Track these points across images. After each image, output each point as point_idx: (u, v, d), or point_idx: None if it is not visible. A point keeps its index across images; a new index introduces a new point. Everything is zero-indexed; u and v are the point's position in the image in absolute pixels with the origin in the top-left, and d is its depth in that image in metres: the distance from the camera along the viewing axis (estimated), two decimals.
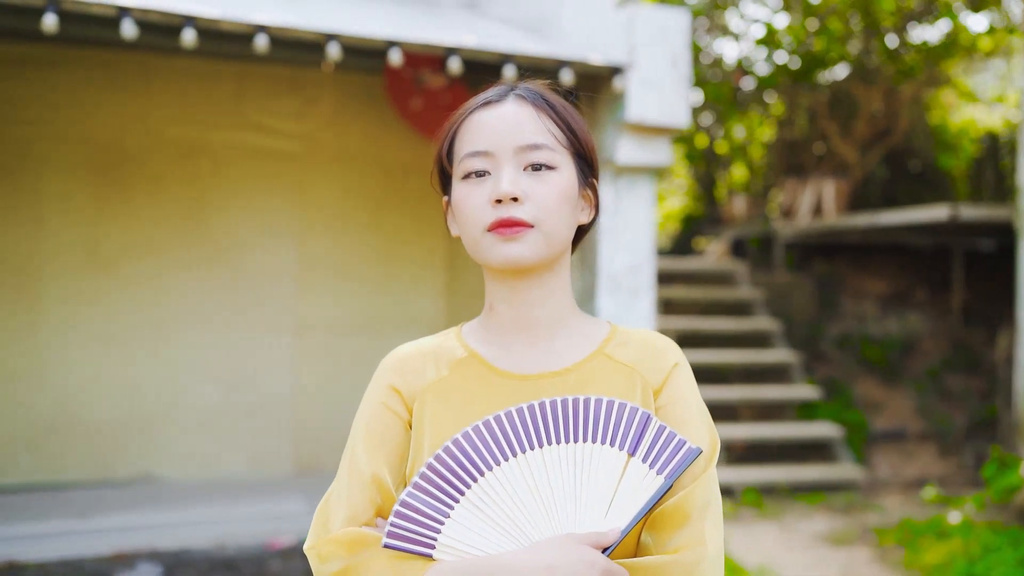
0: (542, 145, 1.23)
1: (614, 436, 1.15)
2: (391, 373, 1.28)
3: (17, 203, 5.84)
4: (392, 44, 4.11)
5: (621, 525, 1.12)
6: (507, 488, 1.13)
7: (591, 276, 4.87)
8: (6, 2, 3.50)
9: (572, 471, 1.14)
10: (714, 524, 1.17)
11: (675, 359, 1.28)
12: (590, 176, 1.32)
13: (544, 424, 1.16)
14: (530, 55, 4.39)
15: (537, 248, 1.22)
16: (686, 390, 1.26)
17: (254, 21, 3.84)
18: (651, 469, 1.14)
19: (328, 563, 1.13)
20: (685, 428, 1.22)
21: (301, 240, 6.54)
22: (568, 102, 1.32)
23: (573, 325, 1.30)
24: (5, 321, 5.83)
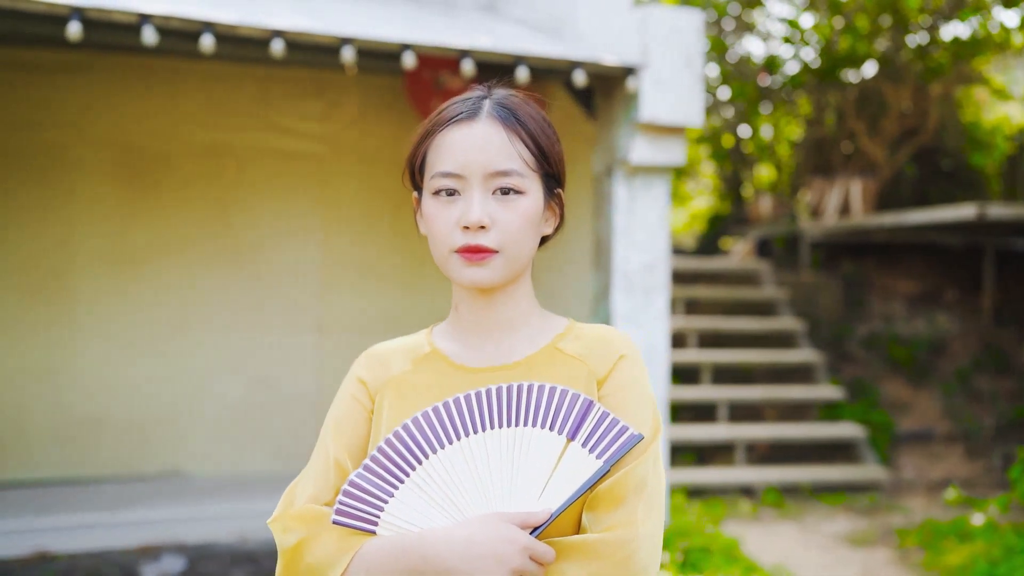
0: (511, 171, 1.28)
1: (554, 421, 1.20)
2: (361, 367, 1.38)
3: (51, 205, 6.00)
4: (406, 47, 4.18)
5: (553, 507, 1.16)
6: (448, 470, 1.19)
7: (605, 275, 4.91)
8: (32, 10, 3.62)
9: (510, 454, 1.19)
10: (648, 505, 1.20)
11: (623, 352, 1.33)
12: (556, 188, 1.38)
13: (487, 410, 1.22)
14: (543, 56, 4.44)
15: (500, 272, 1.30)
16: (630, 379, 1.30)
17: (271, 26, 3.93)
18: (591, 454, 1.18)
19: (287, 535, 1.22)
20: (626, 414, 1.26)
21: (325, 240, 6.64)
22: (538, 109, 1.37)
23: (532, 323, 1.37)
24: (39, 319, 5.99)
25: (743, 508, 6.42)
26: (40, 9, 3.62)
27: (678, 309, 8.04)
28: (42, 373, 6.00)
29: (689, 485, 6.54)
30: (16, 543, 4.92)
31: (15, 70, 5.84)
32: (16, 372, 5.95)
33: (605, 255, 4.92)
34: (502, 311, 1.35)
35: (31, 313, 6.00)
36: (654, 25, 4.69)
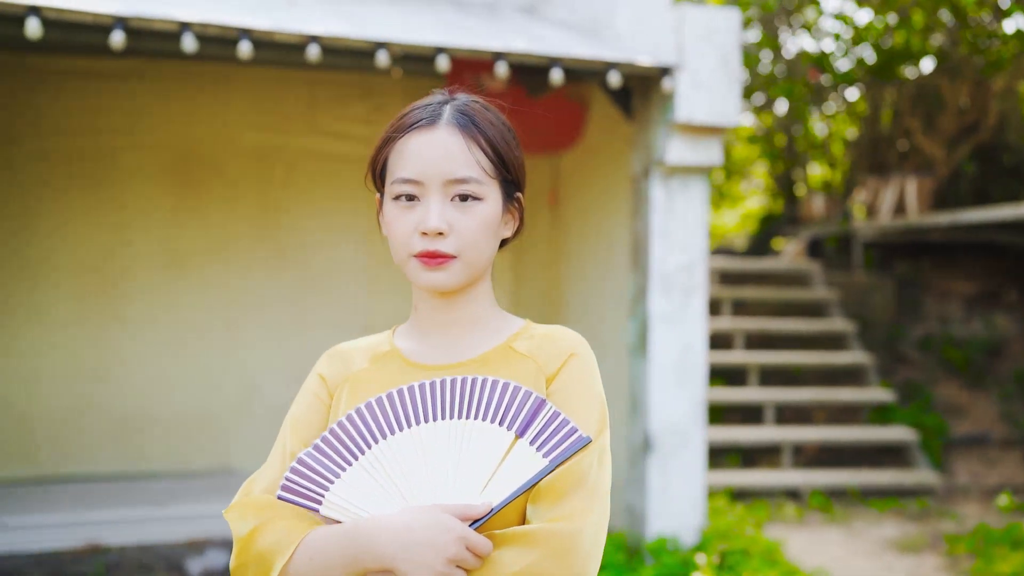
0: (469, 179, 1.31)
1: (504, 416, 1.22)
2: (322, 364, 1.43)
3: (103, 209, 6.18)
4: (440, 50, 4.22)
5: (494, 501, 1.17)
6: (396, 456, 1.21)
7: (643, 277, 4.90)
8: (78, 20, 3.74)
9: (458, 445, 1.21)
10: (590, 499, 1.21)
11: (573, 350, 1.35)
12: (516, 193, 1.40)
13: (440, 400, 1.24)
14: (577, 58, 4.45)
15: (458, 276, 1.33)
16: (579, 377, 1.32)
17: (306, 31, 4.00)
18: (538, 451, 1.20)
19: (241, 523, 1.25)
20: (572, 410, 1.28)
21: (370, 241, 6.73)
22: (499, 116, 1.39)
23: (489, 323, 1.39)
24: (93, 320, 6.18)
25: (788, 511, 6.34)
26: (86, 20, 3.74)
27: (725, 310, 7.97)
28: (97, 372, 6.19)
29: (733, 487, 6.48)
30: (70, 535, 5.08)
31: (70, 78, 6.03)
32: (72, 371, 6.14)
33: (642, 256, 4.90)
34: (460, 311, 1.37)
35: (86, 313, 6.19)
36: (690, 25, 4.66)
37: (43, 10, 3.64)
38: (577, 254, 6.00)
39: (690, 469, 4.91)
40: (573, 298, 6.06)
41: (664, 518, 4.88)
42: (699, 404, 4.92)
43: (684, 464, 4.90)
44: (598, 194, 5.70)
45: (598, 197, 5.69)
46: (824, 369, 7.82)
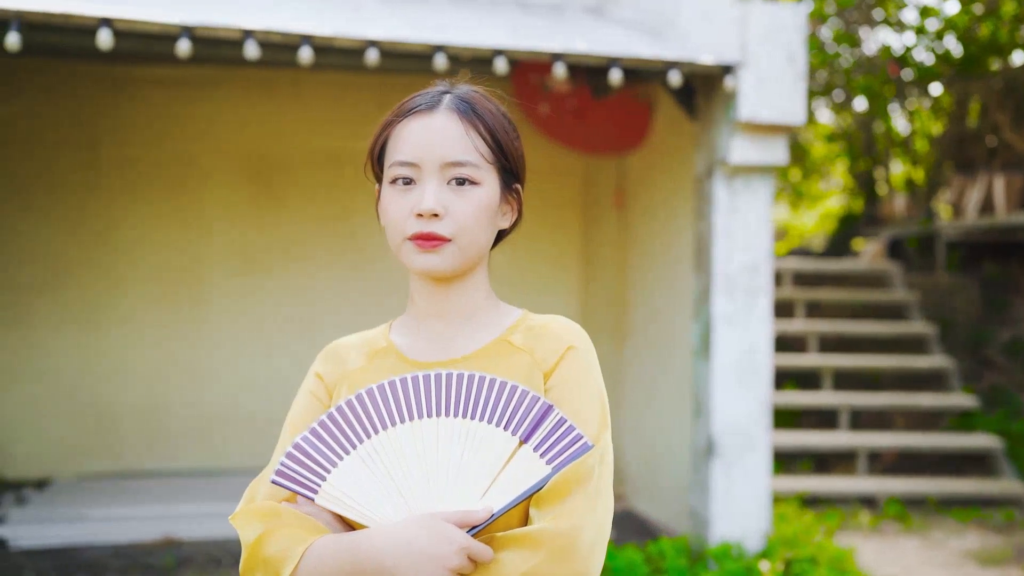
0: (466, 162, 1.31)
1: (509, 420, 1.20)
2: (319, 362, 1.42)
3: (185, 213, 6.39)
4: (498, 52, 4.24)
5: (495, 507, 1.16)
6: (396, 449, 1.20)
7: (706, 278, 4.84)
8: (147, 30, 3.88)
9: (460, 446, 1.19)
10: (592, 498, 1.20)
11: (571, 343, 1.33)
12: (514, 182, 1.40)
13: (444, 395, 1.22)
14: (636, 57, 4.42)
15: (453, 260, 1.32)
16: (577, 372, 1.30)
17: (366, 36, 4.07)
18: (541, 458, 1.19)
19: (248, 530, 1.25)
20: (571, 407, 1.26)
21: None
22: (499, 106, 1.39)
23: (485, 316, 1.39)
24: (175, 321, 6.39)
25: (862, 519, 6.17)
26: (154, 30, 3.87)
27: (799, 312, 7.81)
28: (178, 371, 6.39)
29: (805, 493, 6.34)
30: (147, 528, 5.26)
31: (151, 86, 6.25)
32: (155, 370, 6.36)
33: (705, 257, 4.84)
34: (456, 302, 1.37)
35: (168, 314, 6.40)
36: (755, 22, 4.59)
37: (114, 21, 3.78)
38: (643, 256, 5.96)
39: (755, 473, 4.83)
40: (640, 301, 6.02)
41: (728, 522, 4.80)
42: (764, 407, 4.83)
43: (748, 467, 4.82)
44: (663, 195, 5.64)
45: (663, 198, 5.64)
46: (903, 373, 7.59)
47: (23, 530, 5.12)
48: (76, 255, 6.31)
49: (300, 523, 1.23)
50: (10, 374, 6.21)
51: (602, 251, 6.67)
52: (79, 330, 6.30)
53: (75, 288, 6.30)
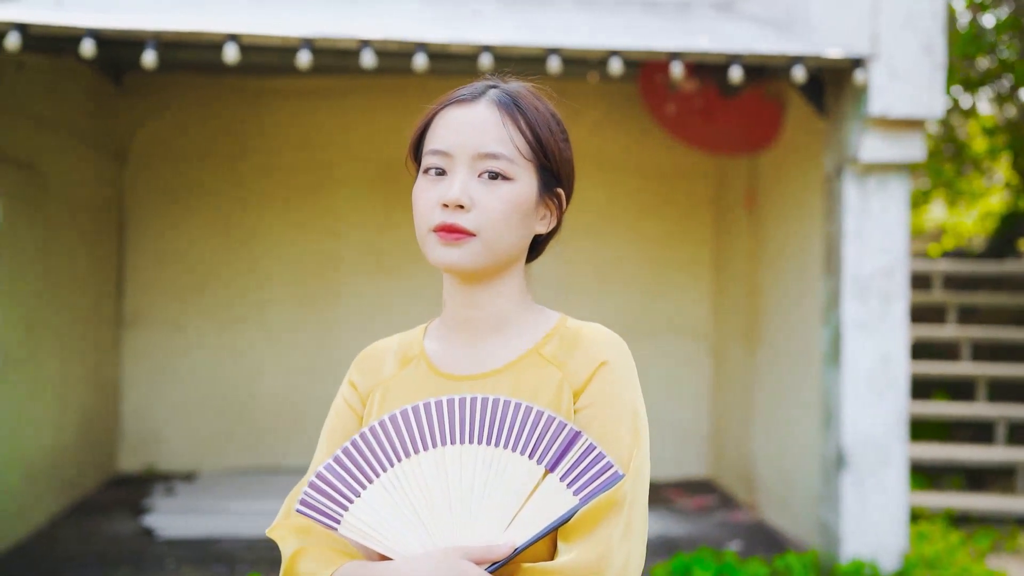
0: (499, 155, 1.24)
1: (535, 448, 1.14)
2: (353, 369, 1.38)
3: (320, 218, 6.62)
4: (612, 53, 4.19)
5: (518, 541, 1.11)
6: (419, 478, 1.16)
7: (835, 281, 4.62)
8: (268, 44, 4.04)
9: (485, 474, 1.14)
10: (624, 527, 1.14)
11: (604, 357, 1.24)
12: (556, 186, 1.32)
13: (469, 421, 1.17)
14: (757, 54, 4.27)
15: (475, 256, 1.24)
16: (610, 390, 1.22)
17: (479, 42, 4.10)
18: (568, 488, 1.13)
19: (284, 545, 1.25)
20: (601, 429, 1.19)
21: (565, 246, 6.75)
22: (548, 105, 1.32)
23: (518, 323, 1.31)
24: (310, 321, 6.63)
25: (1020, 542, 5.74)
26: (275, 43, 4.03)
27: (950, 317, 7.35)
28: (313, 369, 6.63)
29: (954, 511, 5.95)
30: (262, 524, 5.46)
31: (290, 97, 6.51)
32: (291, 368, 6.62)
33: (835, 260, 4.63)
34: (486, 307, 1.30)
35: (304, 315, 6.65)
36: (888, 11, 4.35)
37: (240, 37, 3.96)
38: (774, 259, 5.75)
39: (890, 487, 4.57)
40: (771, 306, 5.81)
41: (860, 539, 4.57)
42: (900, 418, 4.57)
43: (883, 482, 4.56)
44: (794, 195, 5.44)
45: (794, 199, 5.43)
46: None
47: (169, 520, 5.42)
48: (220, 259, 6.64)
49: (331, 543, 1.23)
50: (163, 372, 6.60)
51: (733, 254, 6.49)
52: (223, 330, 6.62)
53: (220, 290, 6.64)
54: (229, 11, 4.28)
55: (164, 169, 6.61)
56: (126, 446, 6.60)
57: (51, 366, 5.48)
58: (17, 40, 3.81)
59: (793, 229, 5.43)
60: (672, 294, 6.84)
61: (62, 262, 5.58)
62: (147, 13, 4.11)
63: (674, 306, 6.86)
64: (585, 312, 6.75)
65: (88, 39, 3.85)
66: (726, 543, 5.30)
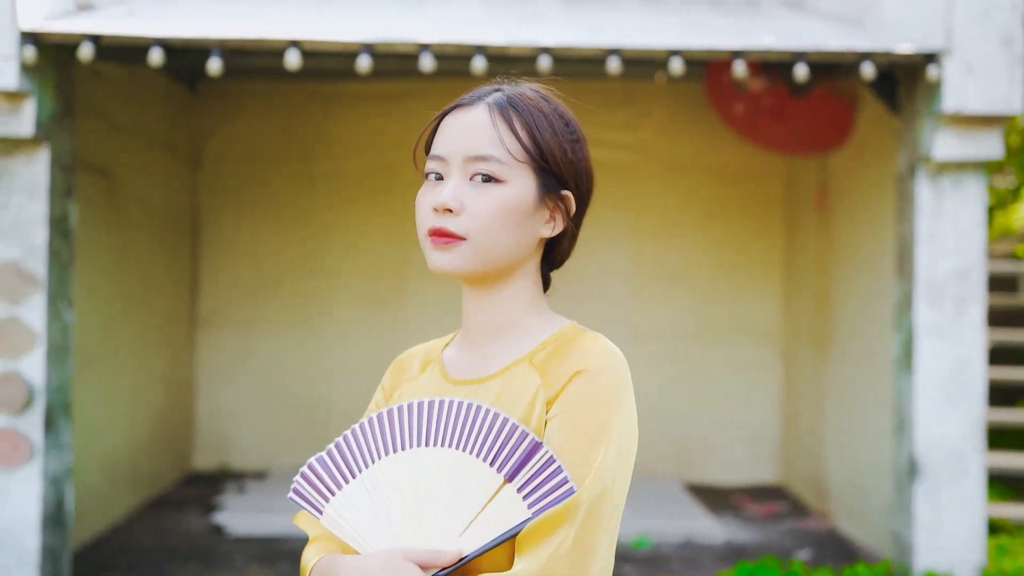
0: (489, 157, 1.23)
1: (496, 456, 1.14)
2: (387, 372, 1.40)
3: (387, 220, 6.69)
4: (673, 53, 4.13)
5: (466, 549, 1.11)
6: (392, 477, 1.17)
7: (908, 284, 4.47)
8: (329, 49, 4.09)
9: (450, 478, 1.15)
10: (571, 547, 1.10)
11: (583, 366, 1.20)
12: (559, 188, 1.28)
13: (438, 424, 1.18)
14: (823, 50, 4.16)
15: (464, 261, 1.23)
16: (579, 402, 1.18)
17: (538, 43, 4.08)
18: (524, 500, 1.12)
19: (308, 532, 1.29)
20: (563, 444, 1.16)
21: (634, 249, 6.72)
22: (554, 106, 1.29)
23: (525, 329, 1.29)
24: (378, 321, 6.71)
25: None
26: (337, 48, 4.08)
27: None
28: (380, 370, 6.68)
29: None
30: None
31: (356, 101, 6.59)
32: (361, 368, 6.69)
33: (907, 262, 4.48)
34: (491, 313, 1.28)
35: (373, 315, 6.73)
36: (962, 4, 4.19)
37: (302, 43, 4.01)
38: (845, 261, 5.61)
39: (966, 499, 4.40)
40: (841, 309, 5.66)
41: (935, 551, 4.41)
42: (977, 426, 4.40)
43: (958, 493, 4.40)
44: (865, 196, 5.29)
45: (865, 199, 5.28)
46: None
47: (239, 517, 5.53)
48: (291, 261, 6.76)
49: (332, 537, 1.25)
50: (236, 372, 6.75)
51: (803, 257, 6.34)
52: (294, 330, 6.74)
53: (290, 291, 6.76)
54: (291, 18, 4.34)
55: (237, 173, 6.76)
56: (201, 444, 6.77)
57: (128, 366, 5.65)
58: (90, 50, 3.94)
59: (865, 230, 5.29)
60: (741, 297, 6.73)
61: (138, 264, 5.75)
62: (213, 21, 4.20)
63: (743, 309, 6.74)
64: (653, 316, 6.69)
65: (156, 48, 3.95)
66: (795, 552, 5.18)
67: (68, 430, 4.31)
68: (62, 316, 4.27)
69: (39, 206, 4.09)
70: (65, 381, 4.30)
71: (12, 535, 4.06)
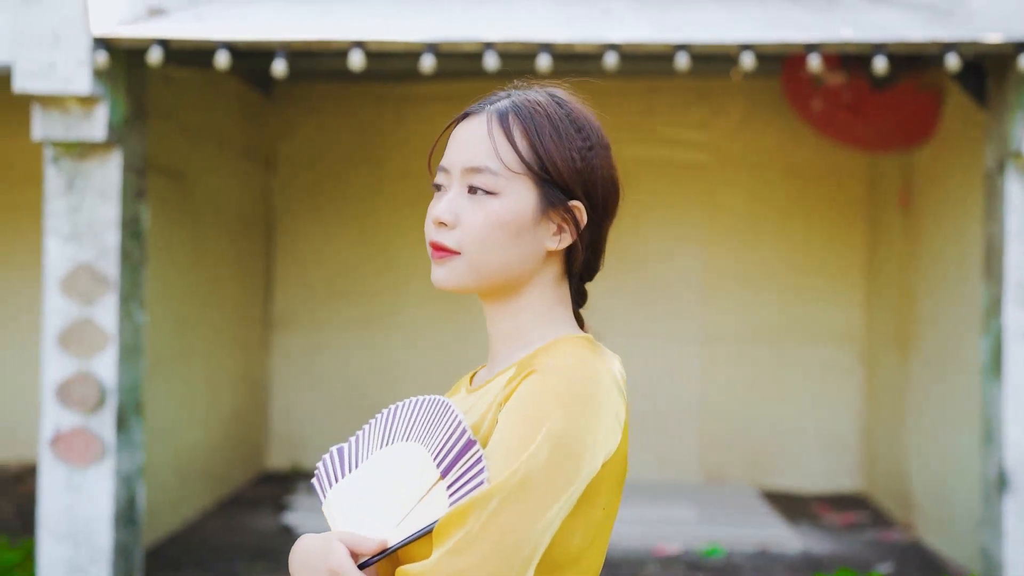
0: (484, 169, 1.19)
1: (438, 452, 1.14)
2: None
3: None
4: (744, 48, 3.99)
5: (390, 540, 1.13)
6: (372, 471, 1.20)
7: (996, 286, 4.25)
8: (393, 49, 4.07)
9: (405, 470, 1.16)
10: (456, 547, 1.06)
11: (536, 367, 1.14)
12: (566, 198, 1.21)
13: (417, 419, 1.20)
14: (904, 41, 3.97)
15: (458, 276, 1.21)
16: (523, 401, 1.12)
17: (605, 40, 3.99)
18: (449, 498, 1.11)
19: None
20: (497, 441, 1.12)
21: (707, 249, 6.56)
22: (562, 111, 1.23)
23: (525, 339, 1.24)
24: (450, 323, 6.69)
25: None
26: (400, 48, 4.05)
27: None
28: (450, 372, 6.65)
29: None
30: None
31: (427, 102, 6.58)
32: (429, 371, 6.68)
33: (996, 262, 4.25)
34: (500, 326, 1.25)
35: (444, 317, 6.71)
36: None
37: (366, 43, 4.00)
38: (930, 262, 5.37)
39: None
40: (927, 312, 5.43)
41: None
42: None
43: None
44: (952, 193, 5.05)
45: (952, 197, 5.05)
46: None
47: (309, 517, 5.56)
48: (363, 262, 6.79)
49: None
50: (309, 372, 6.81)
51: (886, 257, 6.11)
52: (366, 331, 6.77)
53: (361, 292, 6.79)
54: (357, 19, 4.34)
55: (311, 175, 6.82)
56: (274, 444, 6.85)
57: (202, 366, 5.74)
58: (159, 54, 3.99)
59: (951, 229, 5.06)
60: (821, 299, 6.51)
61: (212, 265, 5.83)
62: (278, 24, 4.22)
63: (823, 312, 6.53)
64: (728, 319, 6.52)
65: (222, 51, 3.98)
66: (876, 564, 4.98)
67: (140, 429, 4.38)
68: (134, 317, 4.34)
69: (111, 208, 4.16)
70: (137, 381, 4.37)
71: (86, 532, 4.14)
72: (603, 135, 1.26)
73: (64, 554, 4.15)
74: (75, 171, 4.16)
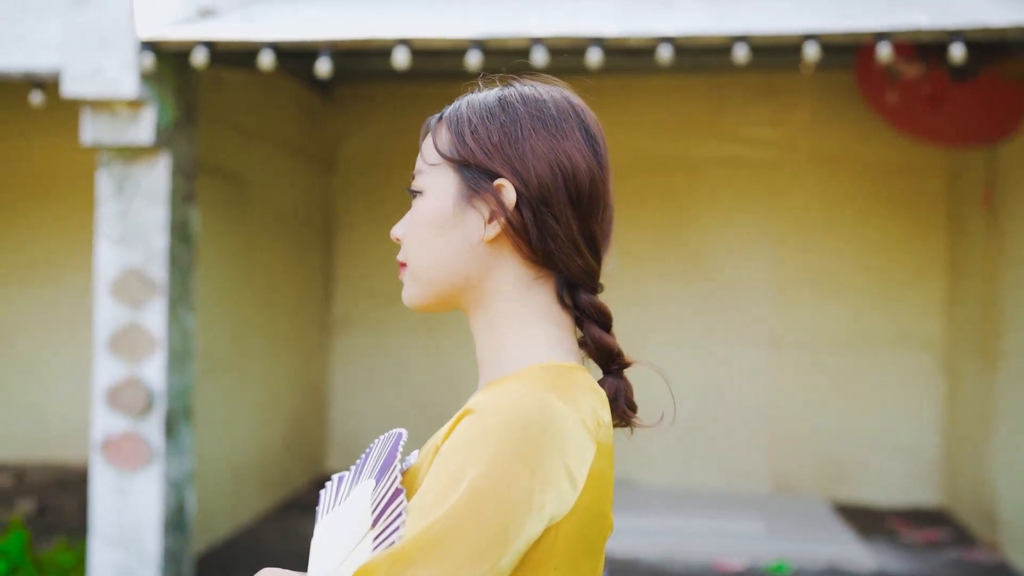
0: (417, 171, 1.12)
1: (376, 496, 1.04)
2: None
3: None
4: (808, 38, 3.76)
5: None
6: (346, 507, 1.10)
7: None
8: (439, 47, 3.95)
9: (357, 511, 1.06)
10: None
11: (473, 406, 0.98)
12: (490, 180, 1.05)
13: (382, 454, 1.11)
14: (982, 27, 3.68)
15: (412, 290, 1.12)
16: (453, 446, 0.96)
17: (658, 33, 3.81)
18: (374, 550, 0.98)
19: None
20: (420, 492, 0.98)
21: (777, 250, 6.30)
22: (491, 96, 1.09)
23: (493, 367, 1.09)
24: None
25: None
26: (446, 46, 3.93)
27: None
28: None
29: None
30: None
31: None
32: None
33: None
34: (478, 344, 1.12)
35: None
36: None
37: (411, 41, 3.89)
38: (1017, 264, 5.03)
39: None
40: (1013, 318, 5.09)
41: None
42: None
43: None
44: None
45: None
46: None
47: None
48: None
49: None
50: (369, 376, 6.75)
51: (969, 258, 5.76)
52: (424, 335, 6.68)
53: None
54: (404, 17, 4.24)
55: (370, 177, 6.76)
56: (334, 447, 6.81)
57: (258, 369, 5.71)
58: (204, 55, 3.94)
59: None
60: (899, 303, 6.19)
61: (268, 269, 5.80)
62: (324, 23, 4.15)
63: (901, 316, 6.20)
64: (799, 323, 6.24)
65: (267, 51, 3.92)
66: None
67: (189, 435, 4.35)
68: (183, 321, 4.31)
69: (159, 212, 4.14)
70: (187, 386, 4.34)
71: (134, 537, 4.12)
72: (555, 115, 1.09)
73: (114, 558, 4.14)
74: (124, 175, 4.15)
